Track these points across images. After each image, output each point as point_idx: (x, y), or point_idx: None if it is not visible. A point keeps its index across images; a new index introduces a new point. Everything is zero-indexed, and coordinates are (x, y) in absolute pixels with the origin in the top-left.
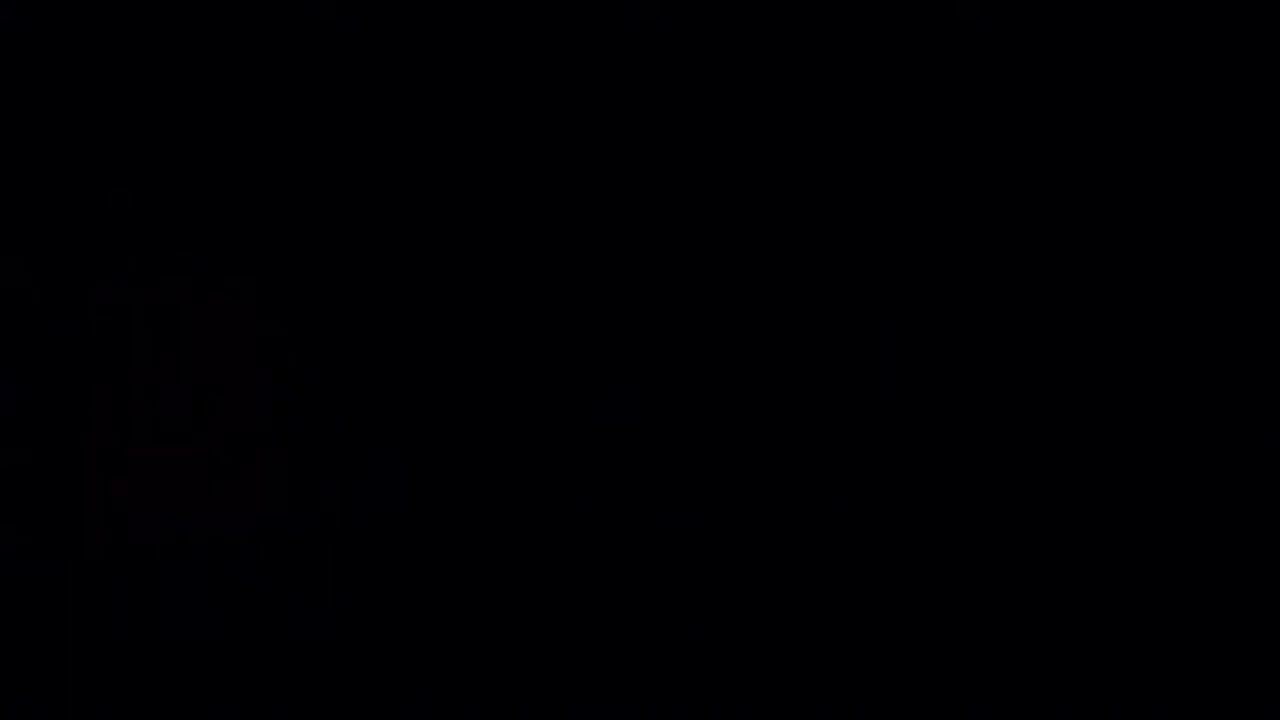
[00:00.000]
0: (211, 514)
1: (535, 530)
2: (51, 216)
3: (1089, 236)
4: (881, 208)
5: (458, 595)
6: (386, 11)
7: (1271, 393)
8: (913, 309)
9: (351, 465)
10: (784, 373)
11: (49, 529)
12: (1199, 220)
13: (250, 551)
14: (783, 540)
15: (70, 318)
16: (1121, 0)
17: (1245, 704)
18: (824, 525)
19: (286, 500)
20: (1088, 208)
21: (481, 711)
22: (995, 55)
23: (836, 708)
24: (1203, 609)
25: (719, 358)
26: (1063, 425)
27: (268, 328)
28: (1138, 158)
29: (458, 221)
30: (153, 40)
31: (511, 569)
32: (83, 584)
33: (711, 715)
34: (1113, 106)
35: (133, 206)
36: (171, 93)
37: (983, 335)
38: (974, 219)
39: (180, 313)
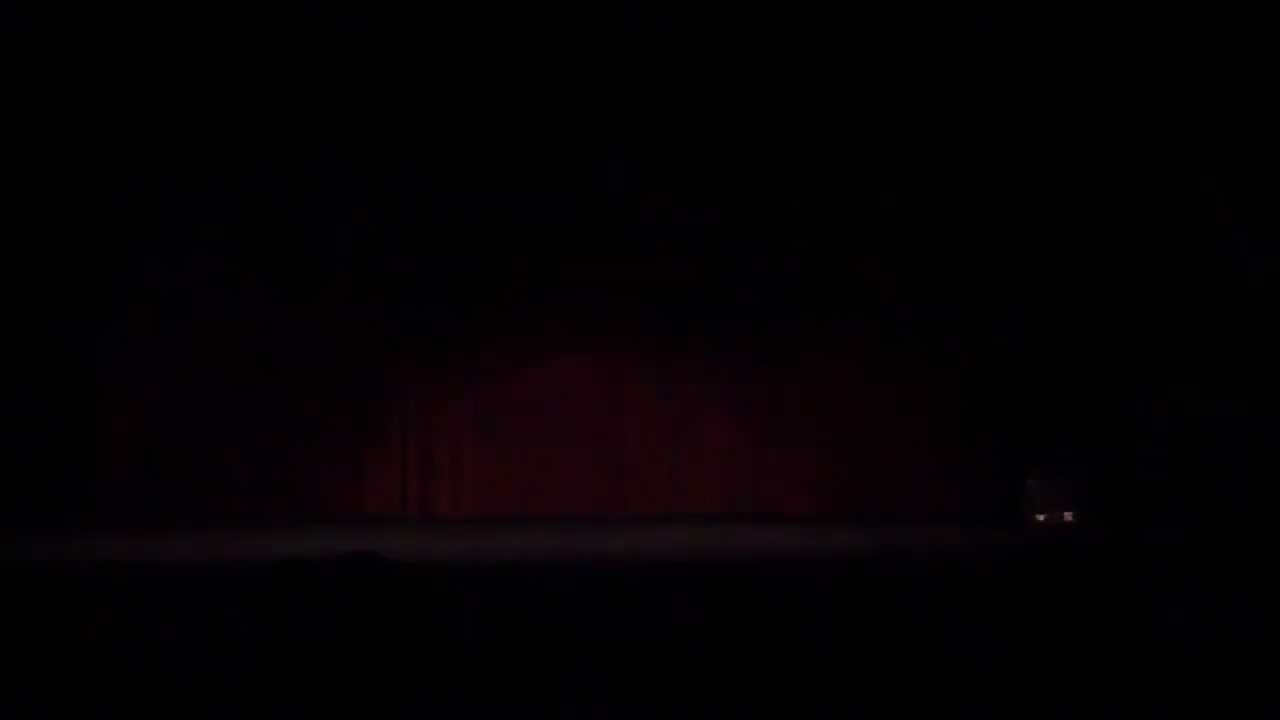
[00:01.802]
0: (216, 514)
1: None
2: (52, 216)
3: (1088, 236)
4: (881, 207)
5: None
6: (386, 11)
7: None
8: (912, 309)
9: (352, 464)
10: (783, 372)
11: (50, 528)
12: (1197, 220)
13: (256, 552)
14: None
15: (71, 317)
16: (1121, 1)
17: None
18: (823, 524)
19: (287, 500)
20: (1087, 207)
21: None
22: (995, 55)
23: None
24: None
25: (717, 357)
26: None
27: (267, 328)
28: (1137, 157)
29: (458, 221)
30: (153, 40)
31: (513, 568)
32: (80, 586)
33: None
34: (1112, 106)
35: (133, 206)
36: (171, 93)
37: (981, 335)
38: (973, 218)
39: (181, 312)
